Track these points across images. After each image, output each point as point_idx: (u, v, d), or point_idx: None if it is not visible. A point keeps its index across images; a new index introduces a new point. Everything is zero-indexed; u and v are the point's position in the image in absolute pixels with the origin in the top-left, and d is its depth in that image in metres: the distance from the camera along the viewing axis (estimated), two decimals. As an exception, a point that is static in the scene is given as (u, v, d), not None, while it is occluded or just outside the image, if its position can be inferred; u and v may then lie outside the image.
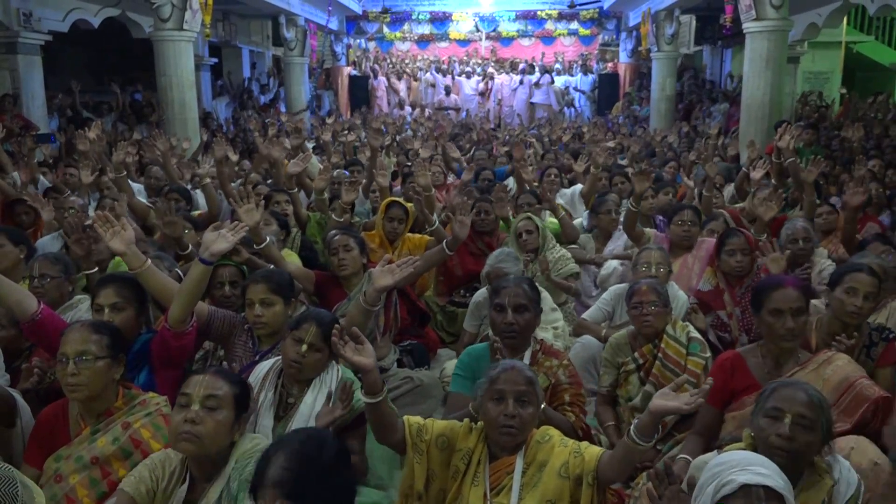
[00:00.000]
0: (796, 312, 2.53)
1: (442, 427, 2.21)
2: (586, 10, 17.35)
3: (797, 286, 2.60)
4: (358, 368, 2.13)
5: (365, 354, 2.10)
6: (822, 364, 2.55)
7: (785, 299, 2.54)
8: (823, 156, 6.87)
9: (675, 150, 9.10)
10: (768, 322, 2.57)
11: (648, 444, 2.00)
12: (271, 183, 5.76)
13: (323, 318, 2.56)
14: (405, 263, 2.88)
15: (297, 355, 2.48)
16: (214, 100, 13.89)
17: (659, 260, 3.65)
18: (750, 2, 8.37)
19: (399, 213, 4.55)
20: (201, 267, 2.55)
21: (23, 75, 8.56)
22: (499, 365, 2.19)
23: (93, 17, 9.89)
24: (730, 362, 2.65)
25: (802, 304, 2.55)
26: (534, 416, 2.13)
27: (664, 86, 13.55)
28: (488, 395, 2.13)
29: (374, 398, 2.11)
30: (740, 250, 3.67)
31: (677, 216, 4.29)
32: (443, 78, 17.83)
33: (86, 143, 5.77)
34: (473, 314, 3.96)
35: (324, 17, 14.80)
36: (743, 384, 2.58)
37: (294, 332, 2.52)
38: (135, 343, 2.70)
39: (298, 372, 2.51)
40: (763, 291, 2.63)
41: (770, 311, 2.56)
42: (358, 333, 2.14)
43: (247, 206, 3.47)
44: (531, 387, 2.13)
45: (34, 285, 3.14)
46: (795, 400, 1.94)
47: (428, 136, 10.30)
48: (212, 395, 1.98)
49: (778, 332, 2.54)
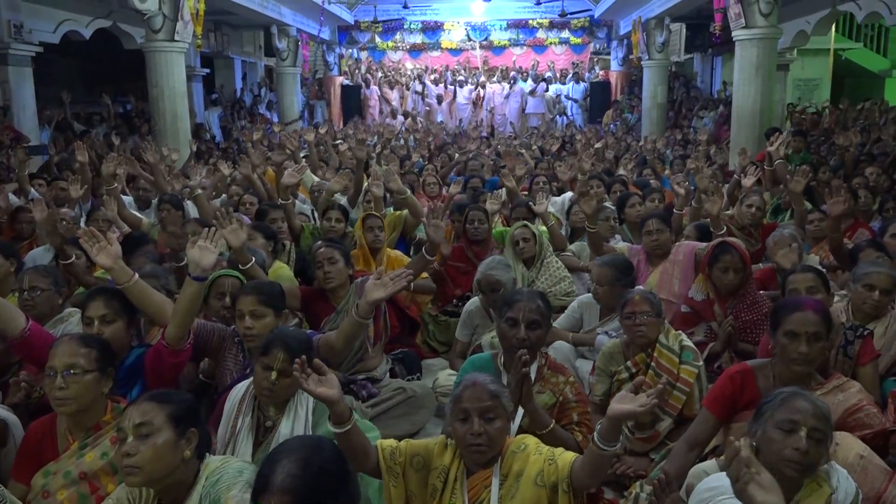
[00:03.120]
0: (813, 338, 2.41)
1: (415, 447, 2.19)
2: (577, 19, 17.46)
3: (818, 310, 2.47)
4: (322, 400, 2.10)
5: (329, 385, 2.07)
6: (834, 390, 2.50)
7: (802, 322, 2.41)
8: (812, 162, 6.89)
9: (663, 159, 9.12)
10: (782, 343, 2.45)
11: (614, 449, 1.99)
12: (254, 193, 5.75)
13: (291, 342, 2.48)
14: (398, 277, 2.87)
15: (268, 383, 2.42)
16: (207, 110, 13.89)
17: (597, 278, 3.69)
18: (739, 10, 8.43)
19: (376, 222, 4.57)
20: (195, 284, 2.54)
21: (13, 87, 8.56)
22: (461, 383, 2.16)
23: (84, 28, 9.88)
24: (740, 376, 2.55)
25: (821, 330, 2.41)
26: (502, 429, 2.10)
27: (655, 93, 13.62)
28: (454, 415, 2.11)
29: (343, 427, 2.09)
30: (733, 268, 3.53)
31: (644, 227, 4.25)
32: (435, 87, 17.88)
33: (84, 155, 5.76)
34: (466, 323, 3.96)
35: (316, 28, 14.83)
36: (749, 398, 2.50)
37: (263, 360, 2.45)
38: (127, 357, 2.69)
39: (271, 397, 2.46)
40: (781, 311, 2.51)
41: (785, 333, 2.44)
42: (320, 365, 2.10)
43: (231, 227, 3.43)
44: (496, 401, 2.09)
45: (24, 298, 3.12)
46: (809, 412, 1.91)
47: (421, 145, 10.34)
48: (142, 422, 1.92)
49: (790, 355, 2.43)
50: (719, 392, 2.56)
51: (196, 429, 2.00)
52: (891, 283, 3.20)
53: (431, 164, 8.63)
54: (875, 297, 3.18)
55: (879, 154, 7.49)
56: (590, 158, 6.22)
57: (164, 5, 8.45)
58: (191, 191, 5.37)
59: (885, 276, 3.20)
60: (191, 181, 5.52)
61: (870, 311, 3.21)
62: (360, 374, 3.54)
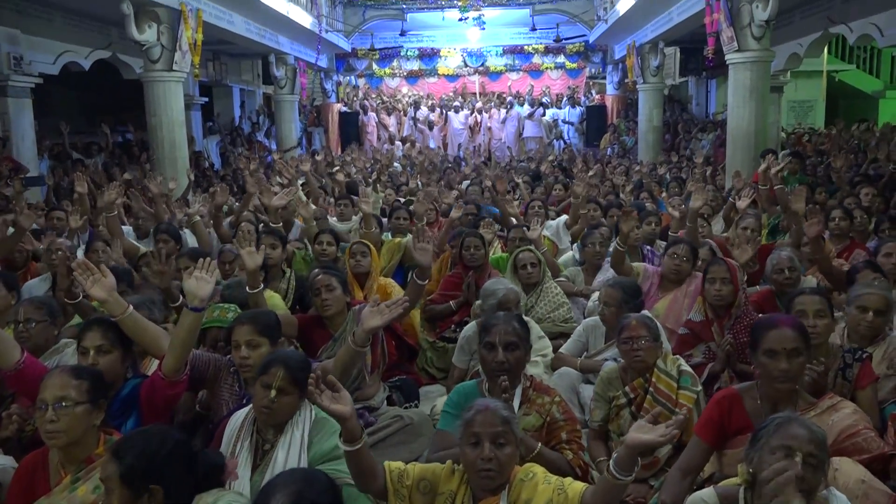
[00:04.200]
0: (792, 354, 2.42)
1: (422, 471, 2.19)
2: (572, 44, 17.62)
3: (794, 326, 2.50)
4: (335, 417, 2.10)
5: (342, 402, 2.07)
6: (828, 410, 2.48)
7: (780, 340, 2.43)
8: (808, 184, 6.92)
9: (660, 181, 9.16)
10: (763, 363, 2.47)
11: (629, 479, 1.97)
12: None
13: (290, 360, 2.51)
14: (395, 304, 2.86)
15: (267, 401, 2.42)
16: (205, 138, 13.97)
17: (605, 299, 3.70)
18: (731, 34, 8.51)
19: (360, 248, 4.57)
20: (192, 315, 2.55)
21: (13, 118, 8.59)
22: (473, 406, 2.16)
23: (84, 59, 9.95)
24: (727, 400, 2.55)
25: (799, 346, 2.43)
26: (512, 455, 2.10)
27: (651, 116, 13.72)
28: (465, 438, 2.10)
29: (353, 445, 2.08)
30: (720, 279, 3.61)
31: (672, 249, 4.26)
32: (430, 113, 18.00)
33: (84, 185, 5.76)
34: (463, 349, 3.94)
35: (313, 56, 14.96)
36: (737, 425, 2.49)
37: (262, 378, 2.46)
38: (123, 387, 2.67)
39: (270, 417, 2.46)
40: (758, 331, 2.53)
41: (765, 352, 2.46)
42: (334, 381, 2.11)
43: (248, 248, 3.47)
44: (507, 426, 2.09)
45: (19, 330, 3.11)
46: (804, 438, 1.89)
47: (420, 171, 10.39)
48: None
49: (772, 373, 2.44)
50: (708, 417, 2.56)
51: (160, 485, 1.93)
52: (884, 303, 3.16)
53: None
54: (869, 318, 3.14)
55: (875, 175, 7.52)
56: (582, 183, 6.23)
57: (163, 36, 8.53)
58: (189, 219, 5.38)
59: (879, 297, 3.17)
60: (190, 209, 5.54)
61: (865, 333, 3.17)
62: (357, 404, 3.51)
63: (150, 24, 8.37)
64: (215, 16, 10.04)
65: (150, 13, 8.36)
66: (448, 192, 7.34)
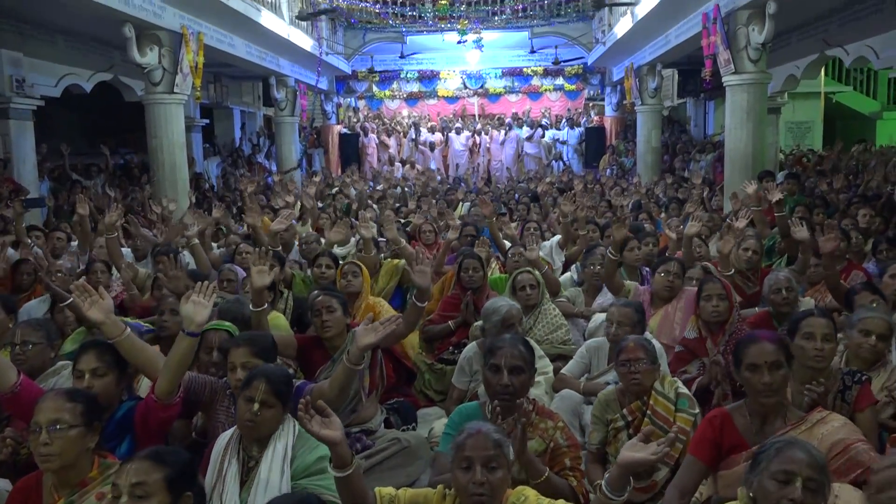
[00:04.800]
0: (773, 367, 2.48)
1: (413, 496, 2.18)
2: (571, 67, 17.73)
3: (773, 340, 2.57)
4: (325, 442, 2.09)
5: (332, 427, 2.07)
6: (817, 424, 2.48)
7: (760, 353, 2.50)
8: (806, 204, 6.94)
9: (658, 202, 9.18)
10: (746, 377, 2.54)
11: (621, 499, 1.97)
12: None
13: (272, 374, 2.55)
14: (388, 322, 2.87)
15: (250, 414, 2.44)
16: (206, 160, 14.03)
17: (619, 318, 3.66)
18: (728, 56, 8.57)
19: (351, 268, 4.58)
20: (188, 340, 2.56)
21: (14, 140, 8.65)
22: (464, 430, 2.15)
23: (85, 81, 10.04)
24: (718, 419, 2.59)
25: (780, 358, 2.50)
26: (504, 479, 2.08)
27: (649, 138, 13.78)
28: (456, 462, 2.09)
29: (344, 471, 2.08)
30: (716, 296, 3.68)
31: (663, 266, 4.31)
32: (431, 135, 18.09)
33: (85, 207, 5.74)
34: (463, 370, 3.93)
35: (313, 78, 15.06)
36: (730, 442, 2.52)
37: (245, 392, 2.49)
38: (117, 410, 2.66)
39: (253, 430, 2.48)
40: (740, 347, 2.62)
41: (747, 367, 2.52)
42: (324, 406, 2.11)
43: (259, 267, 3.47)
44: (499, 450, 2.08)
45: (15, 352, 3.10)
46: (804, 462, 1.90)
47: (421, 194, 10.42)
48: (137, 482, 1.90)
49: (756, 387, 2.50)
50: (701, 436, 2.59)
51: (191, 491, 1.98)
52: (888, 328, 3.16)
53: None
54: (872, 342, 3.13)
55: (872, 196, 7.54)
56: (569, 202, 6.24)
57: (164, 59, 8.60)
58: (187, 241, 5.38)
59: (882, 322, 3.16)
60: (188, 231, 5.54)
61: (867, 357, 3.17)
62: (354, 427, 3.51)
63: (151, 47, 8.44)
64: (216, 39, 10.13)
65: (152, 36, 8.43)
66: (450, 213, 7.36)
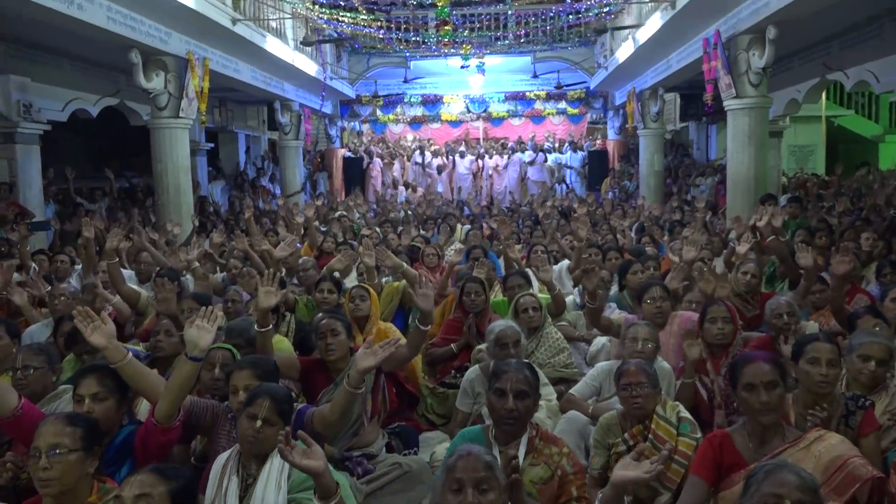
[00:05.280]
0: (769, 386, 2.53)
1: None
2: (573, 91, 17.84)
3: (769, 360, 2.62)
4: (308, 473, 2.09)
5: (314, 457, 2.08)
6: (815, 442, 2.49)
7: (756, 373, 2.55)
8: (808, 228, 6.93)
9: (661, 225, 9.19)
10: (743, 397, 2.59)
11: None
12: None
13: (276, 392, 2.58)
14: (388, 344, 2.87)
15: (252, 431, 2.47)
16: (210, 183, 14.10)
17: (646, 336, 3.66)
18: (729, 80, 8.62)
19: (359, 291, 4.60)
20: (190, 364, 2.57)
21: (20, 164, 8.71)
22: (455, 452, 2.14)
23: (92, 106, 10.14)
24: (718, 439, 2.64)
25: (776, 378, 2.55)
26: (495, 502, 2.06)
27: (652, 161, 13.83)
28: (446, 485, 2.07)
29: (328, 503, 2.08)
30: (721, 318, 3.71)
31: (647, 294, 4.28)
32: (436, 159, 18.18)
33: (90, 230, 5.73)
34: (466, 392, 3.92)
35: (318, 102, 15.18)
36: (730, 461, 2.55)
37: (248, 409, 2.52)
38: (117, 435, 2.66)
39: (255, 446, 2.50)
40: (736, 368, 2.67)
41: (744, 387, 2.58)
42: (305, 436, 2.13)
43: (266, 288, 3.48)
44: (490, 472, 2.06)
45: (17, 377, 3.11)
46: (792, 485, 1.90)
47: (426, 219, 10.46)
48: (141, 494, 1.96)
49: (753, 406, 2.54)
50: (702, 456, 2.62)
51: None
52: (887, 353, 3.13)
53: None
54: (871, 367, 3.11)
55: (875, 219, 7.54)
56: (585, 227, 6.25)
57: (170, 84, 8.69)
58: (188, 264, 5.40)
59: (881, 347, 3.14)
60: (189, 255, 5.56)
61: (867, 383, 3.15)
62: (356, 451, 3.49)
63: (157, 73, 8.55)
64: (222, 64, 10.24)
65: (158, 62, 8.54)
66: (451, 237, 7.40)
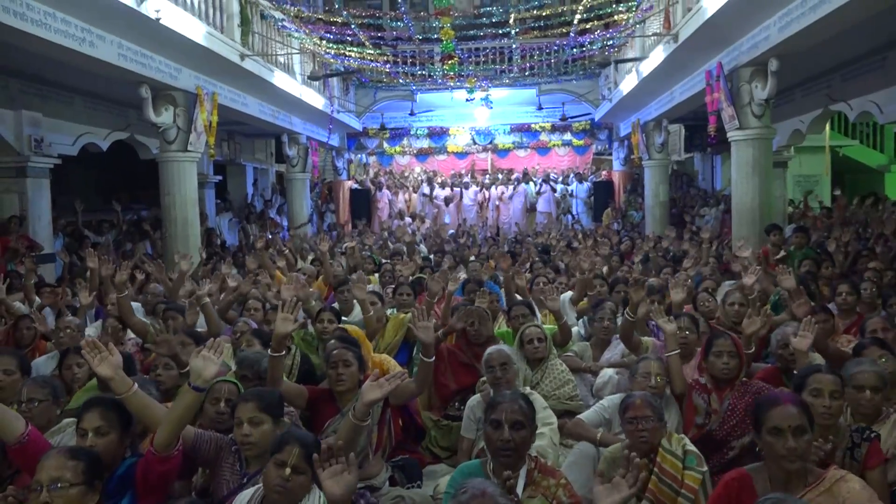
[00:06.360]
0: (797, 431, 2.37)
1: None
2: (578, 122, 17.97)
3: (796, 403, 2.47)
4: (327, 496, 2.08)
5: (339, 485, 2.07)
6: (837, 482, 2.39)
7: (784, 417, 2.39)
8: (814, 258, 6.92)
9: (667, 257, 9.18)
10: (769, 442, 2.41)
11: None
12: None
13: (304, 439, 2.50)
14: (394, 377, 2.87)
15: (281, 479, 2.38)
16: (218, 216, 14.20)
17: (658, 371, 3.65)
18: (732, 112, 8.68)
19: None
20: (193, 394, 2.56)
21: (31, 197, 8.81)
22: (467, 489, 2.13)
23: (102, 140, 10.27)
24: (737, 483, 2.48)
25: (803, 423, 2.39)
26: None
27: (657, 192, 13.86)
28: None
29: None
30: (727, 353, 3.67)
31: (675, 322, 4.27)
32: (442, 190, 18.28)
33: (95, 261, 5.72)
34: (469, 419, 3.91)
35: (325, 135, 15.33)
36: None
37: (276, 456, 2.44)
38: (118, 467, 2.65)
39: (283, 496, 2.40)
40: (761, 409, 2.50)
41: (769, 431, 2.41)
42: (350, 460, 2.14)
43: (284, 314, 3.46)
44: None
45: (22, 410, 3.11)
46: None
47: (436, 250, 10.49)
48: None
49: (779, 452, 2.37)
50: (716, 500, 2.50)
51: None
52: (879, 380, 3.14)
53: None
54: (867, 396, 3.11)
55: (882, 250, 7.52)
56: (587, 259, 6.27)
57: (179, 118, 8.81)
58: (198, 299, 5.39)
59: (871, 375, 3.14)
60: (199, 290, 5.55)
61: (867, 412, 3.13)
62: (359, 483, 3.46)
63: (167, 107, 8.67)
64: (230, 98, 10.38)
65: (168, 96, 8.67)
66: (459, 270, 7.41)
